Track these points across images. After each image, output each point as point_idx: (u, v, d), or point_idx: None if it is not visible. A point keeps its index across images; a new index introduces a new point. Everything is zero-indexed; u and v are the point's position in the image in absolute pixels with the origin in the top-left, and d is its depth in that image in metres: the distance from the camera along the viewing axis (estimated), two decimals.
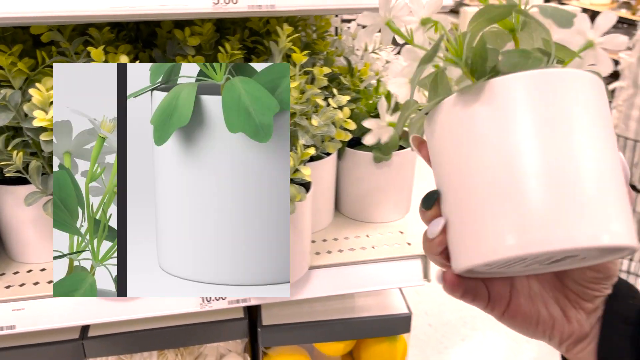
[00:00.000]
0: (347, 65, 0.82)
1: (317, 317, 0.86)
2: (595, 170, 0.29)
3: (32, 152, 0.67)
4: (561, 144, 0.29)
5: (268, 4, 0.62)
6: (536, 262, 0.34)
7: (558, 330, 0.40)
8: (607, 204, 0.29)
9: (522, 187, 0.29)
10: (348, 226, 0.88)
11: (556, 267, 0.36)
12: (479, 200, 0.31)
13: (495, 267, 0.34)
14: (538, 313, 0.40)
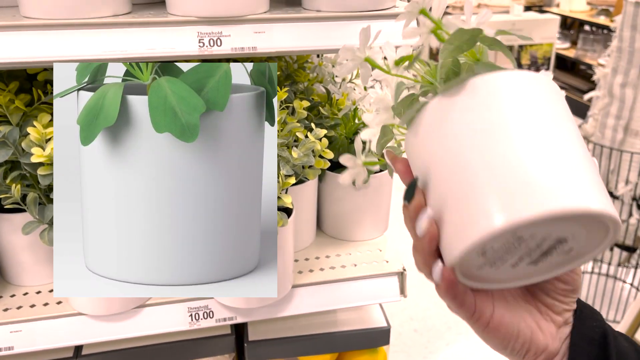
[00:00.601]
0: (327, 94, 0.87)
1: (301, 332, 0.90)
2: (572, 148, 0.33)
3: (28, 183, 0.71)
4: (539, 125, 0.33)
5: (250, 46, 0.67)
6: (526, 256, 0.35)
7: (534, 343, 0.40)
8: (583, 175, 0.32)
9: (506, 163, 0.32)
10: (329, 245, 0.93)
11: (546, 266, 0.37)
12: (465, 182, 0.33)
13: (488, 255, 0.35)
14: (518, 324, 0.40)
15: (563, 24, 4.36)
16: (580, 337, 0.41)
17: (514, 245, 0.34)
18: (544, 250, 0.35)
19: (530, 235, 0.34)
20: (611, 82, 1.89)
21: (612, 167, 1.87)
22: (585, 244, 0.36)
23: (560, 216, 0.31)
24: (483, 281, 0.38)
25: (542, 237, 0.34)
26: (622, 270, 2.11)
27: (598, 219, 0.32)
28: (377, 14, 0.69)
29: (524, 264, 0.37)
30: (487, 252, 0.35)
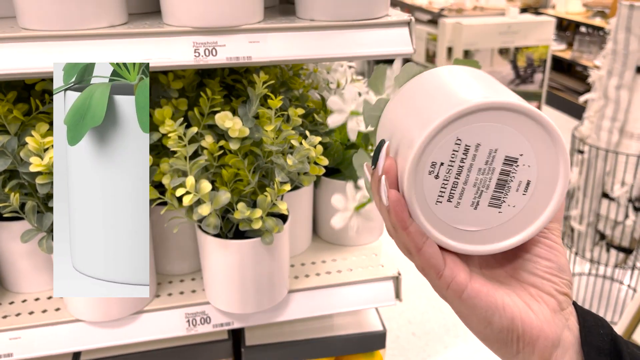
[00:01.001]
0: (321, 101, 0.88)
1: (297, 337, 0.91)
2: (483, 80, 0.40)
3: (26, 192, 0.72)
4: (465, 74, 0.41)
5: (245, 56, 0.68)
6: (482, 186, 0.37)
7: (527, 324, 0.37)
8: (497, 87, 0.38)
9: (437, 95, 0.39)
10: (325, 250, 0.94)
11: (511, 216, 0.38)
12: (414, 114, 0.39)
13: (440, 175, 0.37)
14: (502, 297, 0.38)
15: (559, 26, 4.38)
16: (590, 347, 0.38)
17: (463, 159, 0.37)
18: (497, 176, 0.37)
19: (473, 144, 0.36)
20: (606, 84, 1.90)
21: (608, 169, 1.88)
22: (540, 173, 0.37)
23: (477, 107, 0.35)
24: (450, 235, 0.38)
25: (488, 151, 0.37)
26: (619, 272, 2.12)
27: (514, 112, 0.36)
28: (370, 23, 0.70)
29: (484, 202, 0.38)
30: (437, 169, 0.37)
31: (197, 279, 0.86)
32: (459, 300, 0.38)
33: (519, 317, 0.37)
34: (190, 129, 0.69)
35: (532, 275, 0.39)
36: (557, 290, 0.39)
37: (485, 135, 0.36)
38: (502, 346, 0.38)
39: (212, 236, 0.73)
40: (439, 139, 0.36)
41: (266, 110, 0.72)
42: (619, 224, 1.91)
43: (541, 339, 0.37)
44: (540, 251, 0.39)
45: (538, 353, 0.38)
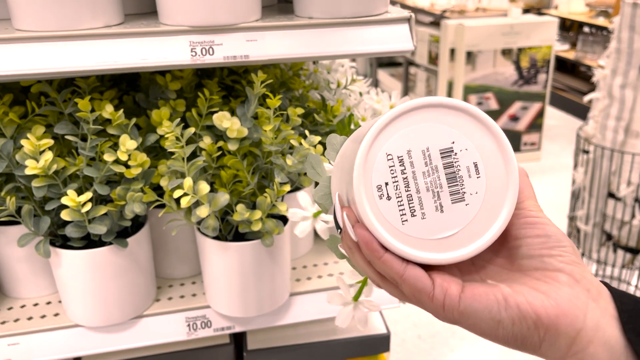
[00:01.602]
0: (322, 101, 0.87)
1: (300, 340, 0.90)
2: None
3: (23, 195, 0.71)
4: None
5: (242, 55, 0.67)
6: (434, 185, 0.37)
7: (538, 306, 0.34)
8: None
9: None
10: (327, 252, 0.92)
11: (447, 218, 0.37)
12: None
13: (390, 192, 0.37)
14: (501, 291, 0.35)
15: (562, 26, 4.36)
16: (633, 334, 0.34)
17: (402, 170, 0.37)
18: (444, 171, 0.37)
19: (404, 152, 0.36)
20: (610, 83, 1.89)
21: (614, 169, 1.86)
22: (480, 150, 0.37)
23: (387, 120, 0.36)
24: (433, 249, 0.37)
25: (421, 152, 0.36)
26: (626, 273, 2.09)
27: (421, 108, 0.36)
28: (369, 20, 0.69)
29: (446, 201, 0.37)
30: (384, 190, 0.37)
31: (197, 282, 0.85)
32: (460, 313, 0.35)
33: (526, 302, 0.34)
34: (187, 130, 0.68)
35: (530, 258, 0.37)
36: (561, 261, 0.36)
37: (410, 140, 0.36)
38: (524, 340, 0.35)
39: (212, 238, 0.72)
40: (371, 160, 0.36)
41: (265, 110, 0.71)
42: (625, 224, 1.89)
43: (561, 317, 0.34)
44: (525, 232, 0.37)
45: (563, 334, 0.34)
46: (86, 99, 0.66)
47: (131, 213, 0.69)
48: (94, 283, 0.72)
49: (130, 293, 0.76)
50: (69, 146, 0.74)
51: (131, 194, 0.68)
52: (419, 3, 4.03)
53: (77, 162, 0.69)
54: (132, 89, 0.87)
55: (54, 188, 0.68)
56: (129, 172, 0.68)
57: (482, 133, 0.37)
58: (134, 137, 0.71)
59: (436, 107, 0.37)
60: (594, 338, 0.34)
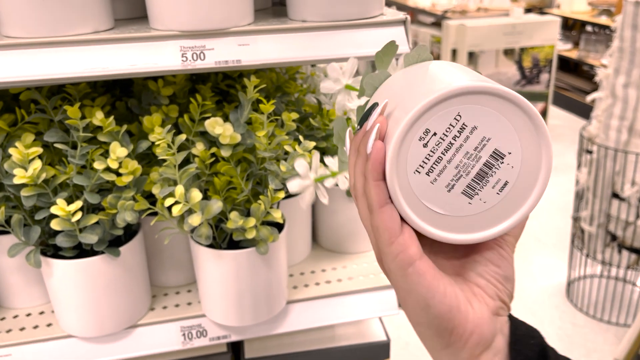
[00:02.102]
0: (318, 105, 0.85)
1: (298, 348, 0.88)
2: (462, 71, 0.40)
3: (13, 205, 0.70)
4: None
5: (234, 59, 0.66)
6: (463, 171, 0.36)
7: (464, 315, 0.37)
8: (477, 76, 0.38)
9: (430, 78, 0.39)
10: (325, 258, 0.91)
11: (480, 209, 0.37)
12: (408, 92, 0.39)
13: (429, 145, 0.36)
14: (445, 286, 0.37)
15: (564, 25, 4.33)
16: (518, 354, 0.37)
17: (455, 136, 0.36)
18: (481, 166, 0.36)
19: (471, 125, 0.36)
20: (613, 82, 1.87)
21: (618, 169, 1.84)
22: (519, 179, 0.37)
23: (488, 89, 0.35)
24: (414, 210, 0.37)
25: (482, 137, 0.36)
26: (631, 273, 2.07)
27: (520, 109, 0.36)
28: (364, 23, 0.68)
29: (459, 188, 0.37)
30: (428, 137, 0.36)
31: (193, 290, 0.84)
32: (403, 274, 0.36)
33: (458, 307, 0.36)
34: (178, 137, 0.67)
35: (479, 277, 0.39)
36: (498, 296, 0.39)
37: (485, 120, 0.36)
38: (434, 335, 0.37)
39: (205, 247, 0.71)
40: (441, 108, 0.35)
41: (259, 115, 0.70)
42: (630, 225, 1.87)
43: (475, 335, 0.37)
44: (492, 257, 0.39)
45: (469, 349, 0.37)
46: (76, 106, 0.65)
47: (123, 222, 0.68)
48: (86, 293, 0.71)
49: (124, 302, 0.74)
50: (60, 154, 0.73)
51: (122, 203, 0.67)
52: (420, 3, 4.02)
53: (68, 171, 0.68)
54: (125, 94, 0.86)
55: (43, 197, 0.67)
56: (120, 180, 0.67)
57: (534, 171, 0.37)
58: (125, 144, 0.69)
59: (528, 117, 0.36)
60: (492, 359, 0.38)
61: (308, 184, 0.59)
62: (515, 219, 0.37)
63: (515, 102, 0.35)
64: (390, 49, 0.49)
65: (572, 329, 1.96)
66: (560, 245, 2.47)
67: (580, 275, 2.11)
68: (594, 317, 1.99)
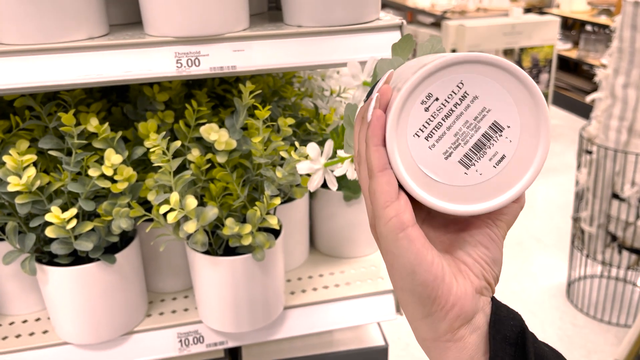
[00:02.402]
0: (315, 110, 0.85)
1: (296, 354, 0.88)
2: None
3: (8, 212, 0.69)
4: None
5: (229, 65, 0.65)
6: (462, 139, 0.37)
7: (447, 287, 0.37)
8: None
9: None
10: (323, 263, 0.90)
11: (477, 180, 0.38)
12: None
13: (431, 109, 0.37)
14: (434, 256, 0.38)
15: (564, 25, 4.33)
16: (497, 333, 0.38)
17: (457, 104, 0.37)
18: (479, 136, 0.37)
19: (472, 94, 0.36)
20: (613, 83, 1.86)
21: (618, 169, 1.83)
22: (517, 155, 0.37)
23: (489, 60, 0.36)
24: (411, 174, 0.38)
25: (482, 107, 0.36)
26: (632, 274, 2.07)
27: (522, 83, 0.36)
28: (360, 28, 0.67)
29: (456, 156, 0.37)
30: (430, 102, 0.37)
31: (190, 296, 0.83)
32: (394, 238, 0.37)
33: (442, 278, 0.37)
34: (173, 143, 0.66)
35: (467, 255, 0.40)
36: (484, 276, 0.40)
37: (487, 91, 0.36)
38: (417, 302, 0.38)
39: (201, 253, 0.70)
40: (444, 74, 0.36)
41: (254, 121, 0.70)
42: (630, 225, 1.87)
43: (456, 308, 0.38)
44: (482, 239, 0.40)
45: (448, 321, 0.38)
46: (70, 113, 0.65)
47: (118, 229, 0.67)
48: (82, 300, 0.70)
49: (120, 309, 0.74)
50: (55, 161, 0.72)
51: (117, 209, 0.67)
52: (419, 4, 4.01)
53: (62, 178, 0.67)
54: (121, 99, 0.86)
55: (38, 204, 0.67)
56: (115, 187, 0.66)
57: (532, 147, 0.37)
58: (120, 150, 0.69)
59: (529, 93, 0.36)
60: (470, 335, 0.39)
61: (318, 168, 0.59)
62: (510, 195, 0.37)
63: (518, 75, 0.36)
64: (407, 42, 0.49)
65: (573, 329, 1.95)
66: (561, 245, 2.47)
67: (581, 275, 2.11)
68: (594, 317, 1.98)
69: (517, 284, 2.21)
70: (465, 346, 0.38)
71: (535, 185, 2.90)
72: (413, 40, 0.49)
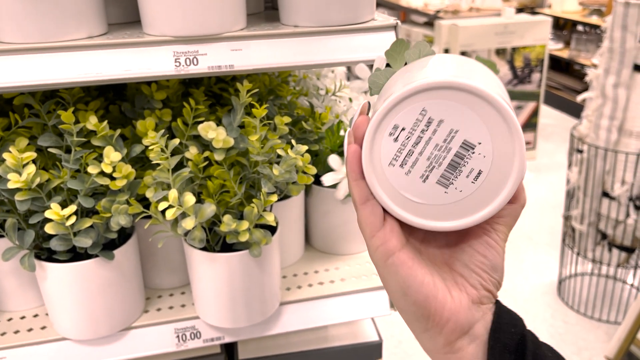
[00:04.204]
0: (310, 108, 0.86)
1: (292, 349, 0.89)
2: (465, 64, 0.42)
3: (7, 209, 0.70)
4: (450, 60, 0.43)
5: (227, 64, 0.66)
6: (435, 162, 0.38)
7: (440, 303, 0.39)
8: (464, 70, 0.39)
9: (421, 69, 0.40)
10: (318, 259, 0.92)
11: (456, 199, 0.38)
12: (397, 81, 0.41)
13: (399, 139, 0.38)
14: (424, 276, 0.39)
15: (556, 25, 4.36)
16: (496, 342, 0.39)
17: (423, 130, 0.38)
18: (452, 157, 0.38)
19: (437, 118, 0.37)
20: (603, 83, 1.88)
21: (608, 168, 1.86)
22: (494, 167, 0.38)
23: (443, 84, 0.37)
24: (394, 200, 0.39)
25: (449, 129, 0.37)
26: (622, 271, 2.09)
27: (481, 99, 0.37)
28: (355, 28, 0.69)
29: (433, 178, 0.38)
30: (397, 132, 0.38)
31: (187, 292, 0.84)
32: (384, 264, 0.39)
33: (434, 297, 0.39)
34: (172, 141, 0.67)
35: (464, 267, 0.41)
36: (482, 285, 0.40)
37: (450, 114, 0.37)
38: (413, 320, 0.40)
39: (199, 250, 0.71)
40: (405, 105, 0.37)
41: (251, 119, 0.71)
42: (620, 223, 1.89)
43: (451, 322, 0.39)
44: (479, 247, 0.41)
45: (445, 335, 0.39)
46: (69, 111, 0.66)
47: (117, 225, 0.68)
48: (80, 296, 0.71)
49: (118, 305, 0.75)
50: (54, 158, 0.73)
51: (116, 206, 0.68)
52: (412, 3, 4.03)
53: (62, 175, 0.68)
54: (119, 97, 0.87)
55: (37, 201, 0.67)
56: (113, 184, 0.67)
57: (508, 157, 0.38)
58: (118, 148, 0.70)
59: (491, 106, 0.37)
60: (468, 346, 0.40)
61: (342, 177, 0.60)
62: (493, 206, 0.38)
63: (474, 92, 0.37)
64: (399, 46, 0.49)
65: (564, 326, 1.98)
66: (552, 243, 2.49)
67: (572, 273, 2.13)
68: (585, 314, 2.01)
69: (509, 282, 2.23)
70: (464, 356, 0.40)
71: (526, 184, 2.92)
72: (405, 42, 0.49)
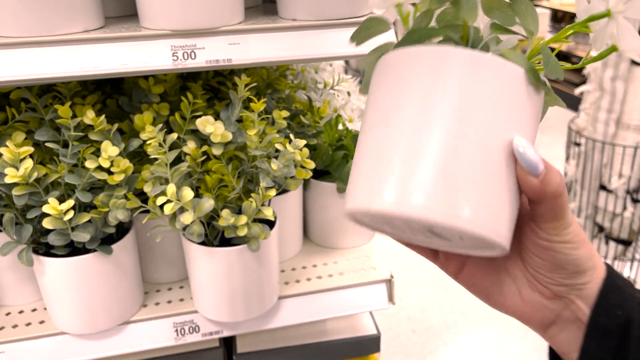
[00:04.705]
0: (308, 102, 0.86)
1: (290, 343, 0.90)
2: (479, 162, 0.31)
3: (4, 203, 0.70)
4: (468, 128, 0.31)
5: (225, 58, 0.66)
6: (419, 233, 0.37)
7: (513, 309, 0.42)
8: (479, 194, 0.30)
9: (420, 156, 0.30)
10: (316, 253, 0.92)
11: (441, 243, 0.38)
12: (379, 151, 0.32)
13: (375, 221, 0.35)
14: (487, 287, 0.43)
15: (554, 17, 4.35)
16: (595, 327, 0.38)
17: (400, 224, 0.35)
18: (435, 232, 0.36)
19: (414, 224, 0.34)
20: (601, 75, 1.88)
21: (605, 161, 1.86)
22: (472, 246, 0.37)
23: (435, 226, 0.31)
24: (384, 231, 0.40)
25: (420, 226, 0.34)
26: (619, 264, 2.10)
27: (479, 241, 0.33)
28: (353, 22, 0.68)
29: (421, 236, 0.38)
30: (373, 219, 0.36)
31: (185, 286, 0.84)
32: (455, 278, 0.45)
33: (504, 304, 0.43)
34: (170, 135, 0.67)
35: (530, 268, 0.42)
36: (550, 283, 0.41)
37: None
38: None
39: (197, 244, 0.71)
40: (374, 217, 0.35)
41: (249, 113, 0.70)
42: (617, 216, 1.90)
43: (532, 321, 0.42)
44: (535, 250, 0.41)
45: (534, 328, 0.43)
46: (66, 105, 0.65)
47: (115, 220, 0.68)
48: (79, 290, 0.71)
49: (117, 299, 0.75)
50: (51, 153, 0.73)
51: (114, 201, 0.68)
52: None
53: (59, 169, 0.68)
54: (116, 91, 0.86)
55: (35, 196, 0.67)
56: (111, 179, 0.67)
57: None
58: (116, 142, 0.69)
59: None
60: (559, 333, 0.42)
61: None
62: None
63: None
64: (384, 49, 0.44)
65: None
66: None
67: None
68: None
69: None
70: (560, 343, 0.42)
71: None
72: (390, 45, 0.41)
